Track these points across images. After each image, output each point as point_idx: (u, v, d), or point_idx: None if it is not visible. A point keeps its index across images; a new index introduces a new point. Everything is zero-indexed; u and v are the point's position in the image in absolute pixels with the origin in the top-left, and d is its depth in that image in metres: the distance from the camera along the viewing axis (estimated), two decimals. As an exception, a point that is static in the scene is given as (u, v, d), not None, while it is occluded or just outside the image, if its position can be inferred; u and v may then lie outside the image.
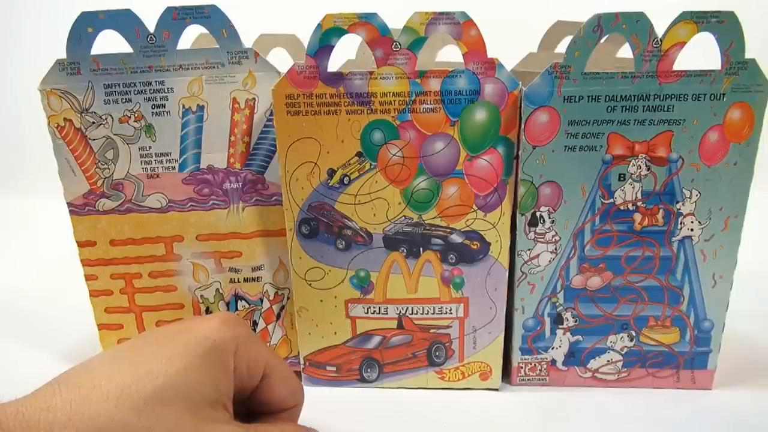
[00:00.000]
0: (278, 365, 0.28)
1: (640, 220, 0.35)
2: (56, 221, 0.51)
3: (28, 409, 0.20)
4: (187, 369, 0.23)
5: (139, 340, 0.25)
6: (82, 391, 0.21)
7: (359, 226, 0.37)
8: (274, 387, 0.28)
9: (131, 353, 0.24)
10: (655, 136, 0.34)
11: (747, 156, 0.34)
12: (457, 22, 0.32)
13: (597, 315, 0.38)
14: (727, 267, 0.36)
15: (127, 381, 0.22)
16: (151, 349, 0.24)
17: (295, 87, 0.34)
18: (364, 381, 0.40)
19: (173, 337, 0.25)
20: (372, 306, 0.39)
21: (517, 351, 0.39)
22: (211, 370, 0.24)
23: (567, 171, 0.35)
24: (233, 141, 0.37)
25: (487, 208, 0.36)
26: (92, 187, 0.38)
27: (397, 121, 0.34)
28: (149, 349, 0.24)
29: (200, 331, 0.25)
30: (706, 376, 0.39)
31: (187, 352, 0.24)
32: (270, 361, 0.28)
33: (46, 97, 0.36)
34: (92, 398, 0.21)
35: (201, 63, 0.35)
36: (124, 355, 0.24)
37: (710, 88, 0.33)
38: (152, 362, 0.23)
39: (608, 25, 0.32)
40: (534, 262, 0.37)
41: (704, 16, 0.31)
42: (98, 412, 0.21)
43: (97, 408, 0.21)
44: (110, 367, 0.23)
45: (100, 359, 0.24)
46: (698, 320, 0.38)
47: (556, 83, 0.33)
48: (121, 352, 0.24)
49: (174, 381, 0.23)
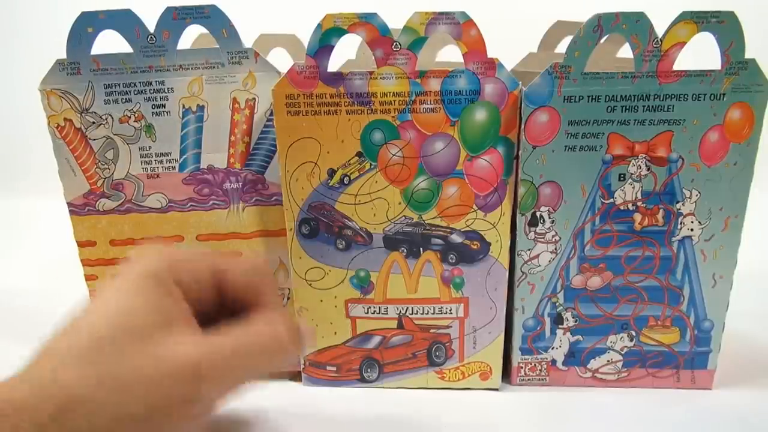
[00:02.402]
0: (225, 264, 0.28)
1: (640, 220, 0.35)
2: (56, 221, 0.51)
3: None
4: (124, 306, 0.24)
5: (85, 304, 0.26)
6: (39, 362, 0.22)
7: (359, 226, 0.37)
8: (230, 282, 0.28)
9: (77, 316, 0.25)
10: (655, 136, 0.34)
11: (747, 156, 0.34)
12: (457, 22, 0.32)
13: (597, 315, 0.38)
14: (727, 267, 0.36)
15: (74, 338, 0.23)
16: (92, 304, 0.25)
17: (295, 87, 0.34)
18: (364, 381, 0.40)
19: (110, 286, 0.25)
20: (372, 306, 0.39)
21: (517, 351, 0.39)
22: (152, 299, 0.24)
23: (567, 171, 0.35)
24: (233, 141, 0.37)
25: (487, 208, 0.36)
26: (92, 187, 0.38)
27: (397, 121, 0.34)
28: (91, 305, 0.25)
29: (129, 272, 0.25)
30: (706, 376, 0.39)
31: (121, 291, 0.24)
32: (216, 264, 0.27)
33: (46, 97, 0.36)
34: (46, 365, 0.22)
35: (201, 63, 0.35)
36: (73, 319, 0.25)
37: (710, 88, 0.33)
38: (93, 313, 0.24)
39: (608, 25, 0.32)
40: (534, 262, 0.37)
41: (704, 16, 0.31)
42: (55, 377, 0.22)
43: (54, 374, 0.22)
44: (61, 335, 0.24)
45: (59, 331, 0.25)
46: (698, 320, 0.38)
47: (556, 83, 0.33)
48: (71, 319, 0.25)
49: (116, 321, 0.23)
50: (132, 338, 0.23)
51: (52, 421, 0.21)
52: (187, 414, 0.24)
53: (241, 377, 0.26)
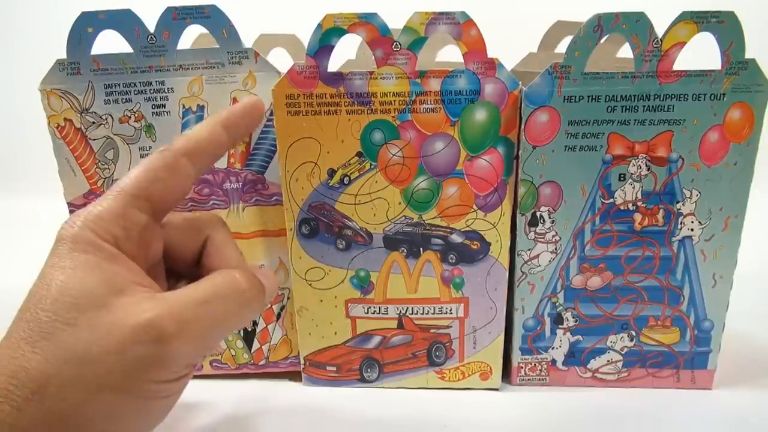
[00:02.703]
0: (169, 217, 0.28)
1: (640, 220, 0.36)
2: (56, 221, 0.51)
3: None
4: (65, 282, 0.23)
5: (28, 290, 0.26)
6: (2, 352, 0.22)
7: (359, 226, 0.37)
8: (174, 238, 0.28)
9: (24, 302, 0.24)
10: (655, 136, 0.34)
11: (747, 156, 0.34)
12: (457, 22, 0.32)
13: (597, 315, 0.38)
14: (727, 267, 0.36)
15: (25, 324, 0.23)
16: (32, 287, 0.24)
17: (295, 87, 0.34)
18: (364, 381, 0.40)
19: (43, 266, 0.24)
20: (372, 306, 0.39)
21: (517, 351, 0.39)
22: (87, 266, 0.23)
23: (567, 171, 0.35)
24: (233, 141, 0.37)
25: (487, 208, 0.36)
26: (92, 187, 0.38)
27: (397, 121, 0.34)
28: (32, 288, 0.24)
29: (56, 246, 0.24)
30: (706, 376, 0.39)
31: (55, 267, 0.24)
32: (153, 225, 0.26)
33: (46, 97, 0.36)
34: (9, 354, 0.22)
35: (201, 63, 0.35)
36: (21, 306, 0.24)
37: (710, 88, 0.33)
38: (35, 295, 0.23)
39: (608, 25, 0.32)
40: (534, 262, 0.37)
41: (704, 16, 0.31)
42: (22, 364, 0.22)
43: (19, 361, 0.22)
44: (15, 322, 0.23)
45: None
46: (698, 320, 0.38)
47: (556, 83, 0.33)
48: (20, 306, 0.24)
49: (58, 297, 0.23)
50: (81, 311, 0.22)
51: (27, 402, 0.21)
52: (164, 377, 0.24)
53: (206, 330, 0.25)
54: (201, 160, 0.27)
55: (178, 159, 0.26)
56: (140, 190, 0.25)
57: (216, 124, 0.28)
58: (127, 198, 0.25)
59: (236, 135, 0.29)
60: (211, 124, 0.28)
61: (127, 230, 0.25)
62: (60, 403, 0.21)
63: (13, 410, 0.21)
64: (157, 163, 0.26)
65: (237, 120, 0.28)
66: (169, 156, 0.26)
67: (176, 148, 0.27)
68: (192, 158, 0.27)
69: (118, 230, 0.25)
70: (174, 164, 0.26)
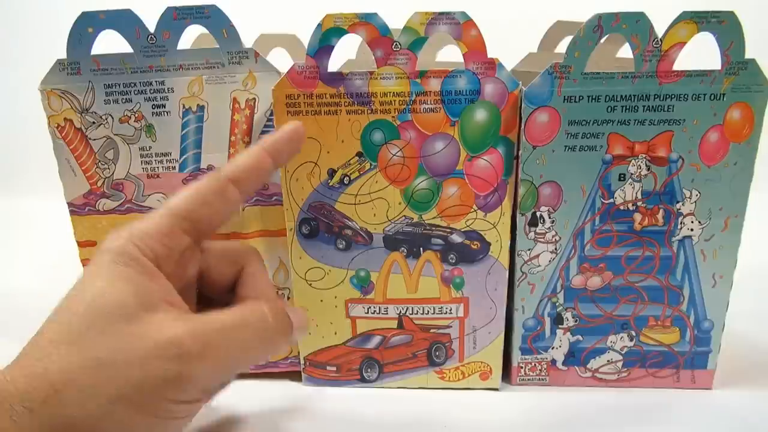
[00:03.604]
0: (208, 244, 0.28)
1: (640, 220, 0.36)
2: (56, 221, 0.51)
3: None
4: (100, 291, 0.24)
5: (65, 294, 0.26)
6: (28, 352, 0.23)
7: (359, 226, 0.37)
8: (211, 264, 0.28)
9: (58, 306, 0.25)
10: (655, 136, 0.34)
11: (747, 156, 0.34)
12: (457, 22, 0.32)
13: (597, 315, 0.38)
14: (727, 267, 0.36)
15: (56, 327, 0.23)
16: (70, 291, 0.25)
17: (295, 87, 0.34)
18: (364, 381, 0.40)
19: (83, 273, 0.25)
20: (372, 306, 0.39)
21: (517, 351, 0.39)
22: (124, 278, 0.24)
23: (567, 171, 0.35)
24: (233, 141, 0.37)
25: (487, 208, 0.36)
26: (92, 187, 0.38)
27: (397, 121, 0.34)
28: (69, 292, 0.25)
29: (98, 256, 0.25)
30: (706, 376, 0.39)
31: (93, 275, 0.24)
32: (193, 247, 0.27)
33: (46, 97, 0.36)
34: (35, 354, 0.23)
35: (201, 63, 0.35)
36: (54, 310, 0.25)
37: (710, 88, 0.33)
38: (71, 300, 0.24)
39: (608, 25, 0.32)
40: (534, 262, 0.37)
41: (704, 16, 0.31)
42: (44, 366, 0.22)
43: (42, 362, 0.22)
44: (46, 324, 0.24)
45: None
46: (698, 320, 0.38)
47: (556, 83, 0.33)
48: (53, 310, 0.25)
49: (92, 305, 0.23)
50: (110, 320, 0.23)
51: (42, 405, 0.21)
52: (179, 396, 0.24)
53: (228, 356, 0.25)
54: (247, 187, 0.28)
55: (227, 185, 0.27)
56: (188, 212, 0.26)
57: (261, 151, 0.28)
58: (174, 218, 0.26)
59: (280, 161, 0.29)
60: (256, 151, 0.28)
61: (170, 249, 0.26)
62: (73, 409, 0.22)
63: (26, 411, 0.21)
64: (207, 187, 0.27)
65: (281, 146, 0.29)
66: (219, 181, 0.27)
67: (224, 174, 0.27)
68: (239, 185, 0.28)
69: (161, 248, 0.26)
70: (223, 189, 0.27)
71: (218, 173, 0.27)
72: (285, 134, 0.29)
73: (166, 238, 0.26)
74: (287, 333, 0.27)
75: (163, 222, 0.26)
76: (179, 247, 0.26)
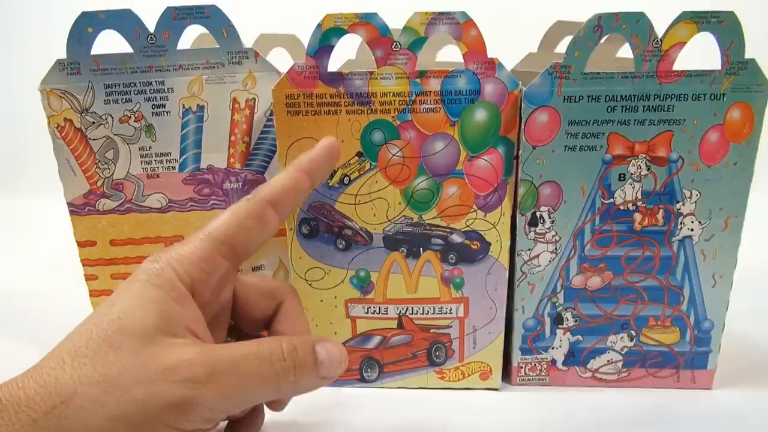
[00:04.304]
0: (242, 278, 0.28)
1: (640, 220, 0.36)
2: (56, 221, 0.51)
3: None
4: (127, 309, 0.24)
5: None
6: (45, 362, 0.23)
7: (359, 226, 0.37)
8: (249, 297, 0.28)
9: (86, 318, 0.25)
10: (655, 136, 0.34)
11: (747, 156, 0.34)
12: (457, 22, 0.32)
13: (597, 315, 0.38)
14: (727, 267, 0.36)
15: (77, 339, 0.23)
16: (100, 306, 0.25)
17: (295, 87, 0.34)
18: (364, 381, 0.40)
19: (118, 289, 0.25)
20: (372, 306, 0.39)
21: (517, 351, 0.39)
22: (153, 301, 0.24)
23: (567, 171, 0.35)
24: (233, 141, 0.37)
25: (487, 208, 0.36)
26: (92, 187, 0.38)
27: (397, 121, 0.34)
28: (99, 307, 0.25)
29: (135, 275, 0.25)
30: (706, 376, 0.39)
31: (124, 293, 0.24)
32: (230, 273, 0.27)
33: (46, 97, 0.36)
34: (49, 365, 0.23)
35: (201, 63, 0.35)
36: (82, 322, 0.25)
37: (710, 88, 0.33)
38: (98, 314, 0.24)
39: (608, 25, 0.32)
40: (534, 262, 0.37)
41: (704, 16, 0.31)
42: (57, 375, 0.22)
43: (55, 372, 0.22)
44: (69, 335, 0.24)
45: None
46: (698, 320, 0.38)
47: (556, 83, 0.33)
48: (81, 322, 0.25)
49: (116, 322, 0.23)
50: (128, 339, 0.23)
51: (45, 416, 0.21)
52: (181, 424, 0.23)
53: (236, 387, 0.24)
54: (285, 209, 0.28)
55: (265, 208, 0.27)
56: (227, 236, 0.26)
57: (298, 170, 0.28)
58: (213, 243, 0.26)
59: (317, 178, 0.29)
60: (293, 171, 0.28)
61: (207, 274, 0.26)
62: (73, 423, 0.22)
63: (29, 420, 0.21)
64: (245, 211, 0.27)
65: (318, 164, 0.29)
66: (257, 204, 0.27)
67: (262, 197, 0.27)
68: (276, 207, 0.28)
69: (199, 273, 0.26)
70: (261, 213, 0.27)
71: (256, 196, 0.27)
72: (321, 152, 0.29)
73: (204, 263, 0.26)
74: (305, 369, 0.25)
75: (203, 246, 0.26)
76: (217, 273, 0.26)
